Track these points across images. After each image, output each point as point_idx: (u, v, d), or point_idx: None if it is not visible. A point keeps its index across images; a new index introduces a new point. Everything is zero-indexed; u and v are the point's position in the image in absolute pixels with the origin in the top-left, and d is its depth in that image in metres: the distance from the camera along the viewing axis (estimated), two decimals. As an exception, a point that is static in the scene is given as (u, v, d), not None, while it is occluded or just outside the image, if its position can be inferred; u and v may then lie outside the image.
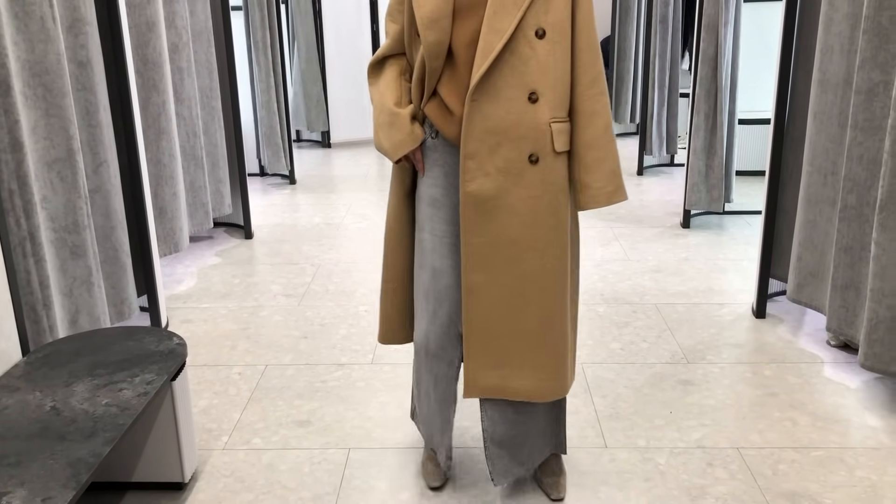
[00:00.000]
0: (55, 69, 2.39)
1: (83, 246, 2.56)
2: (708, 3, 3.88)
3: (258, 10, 4.86)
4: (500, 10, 1.76)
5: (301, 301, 3.39)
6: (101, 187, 2.73)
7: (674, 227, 4.29)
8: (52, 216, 2.47)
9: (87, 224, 2.56)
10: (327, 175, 5.59)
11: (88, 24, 2.60)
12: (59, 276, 2.50)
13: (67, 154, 2.47)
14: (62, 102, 2.43)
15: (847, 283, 2.62)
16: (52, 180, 2.45)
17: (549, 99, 1.81)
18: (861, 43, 2.44)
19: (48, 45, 2.37)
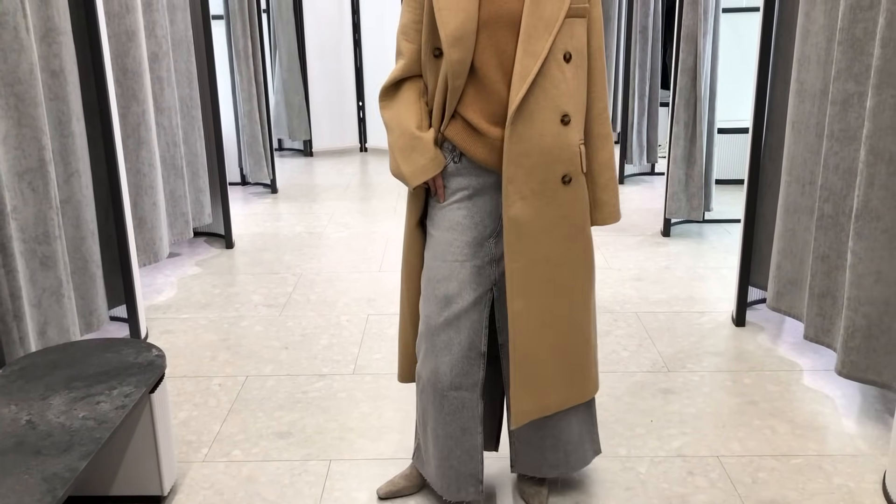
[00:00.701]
0: (27, 79, 2.38)
1: (53, 257, 2.53)
2: (687, 14, 3.92)
3: (239, 20, 4.85)
4: (533, 34, 1.75)
5: (282, 311, 3.37)
6: (73, 197, 2.70)
7: (654, 235, 4.32)
8: (22, 227, 2.44)
9: (57, 235, 2.53)
10: (309, 184, 5.58)
11: (62, 33, 2.58)
12: (28, 287, 2.48)
13: (39, 164, 2.45)
14: (34, 112, 2.41)
15: (824, 291, 2.64)
16: (23, 191, 2.43)
17: (577, 121, 1.85)
18: (836, 54, 2.47)
19: (21, 54, 2.35)
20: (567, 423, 2.04)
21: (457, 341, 1.90)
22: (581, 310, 1.95)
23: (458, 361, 1.90)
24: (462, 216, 1.88)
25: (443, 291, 1.89)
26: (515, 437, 2.06)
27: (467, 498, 2.00)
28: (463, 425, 1.95)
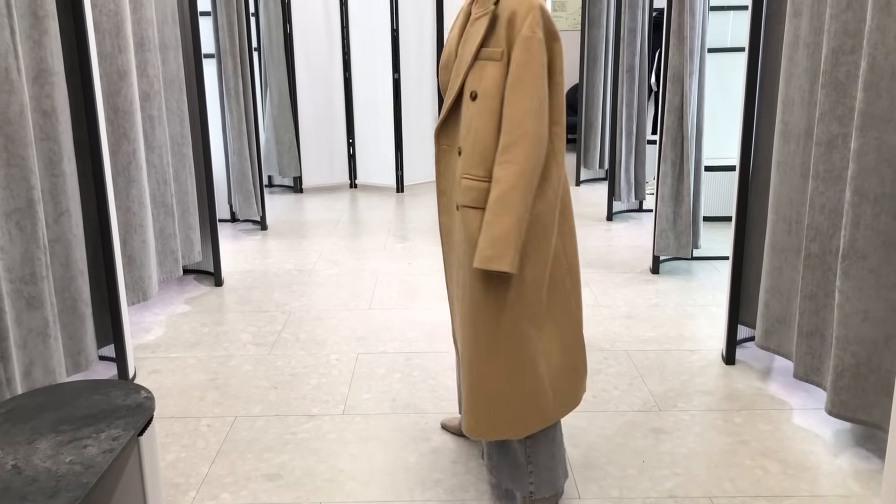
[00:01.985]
0: (18, 120, 2.38)
1: (40, 297, 2.52)
2: (673, 55, 3.98)
3: (231, 58, 4.89)
4: (455, 72, 1.98)
5: (271, 350, 3.36)
6: (62, 237, 2.70)
7: (643, 272, 4.34)
8: (8, 267, 2.43)
9: (44, 275, 2.52)
10: (299, 221, 5.59)
11: (55, 74, 2.59)
12: (14, 328, 2.46)
13: (27, 204, 2.45)
14: (24, 153, 2.41)
15: (812, 329, 2.66)
16: (11, 230, 2.42)
17: (467, 155, 1.93)
18: (820, 97, 2.52)
19: (11, 95, 2.36)
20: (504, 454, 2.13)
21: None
22: (471, 340, 1.95)
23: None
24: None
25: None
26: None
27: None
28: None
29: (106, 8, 3.16)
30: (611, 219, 5.50)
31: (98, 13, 3.13)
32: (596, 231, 5.21)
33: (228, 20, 4.85)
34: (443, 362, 3.21)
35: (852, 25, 2.41)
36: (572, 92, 8.61)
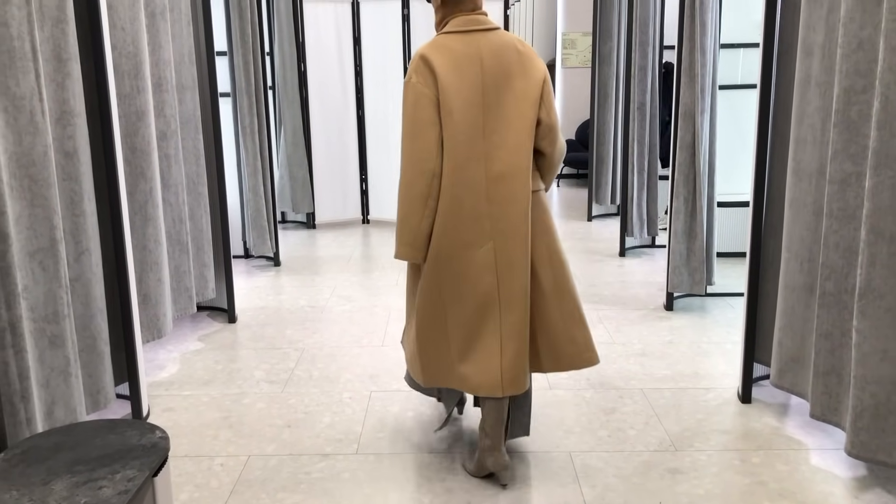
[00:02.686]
0: (41, 161, 2.42)
1: (62, 336, 2.53)
2: (684, 93, 4.01)
3: (246, 97, 4.96)
4: None
5: (284, 388, 3.35)
6: (83, 276, 2.72)
7: (657, 309, 4.32)
8: (31, 306, 2.45)
9: (66, 314, 2.54)
10: (312, 256, 5.61)
11: (77, 115, 2.64)
12: (36, 367, 2.47)
13: (50, 244, 2.48)
14: (47, 193, 2.45)
15: (829, 369, 2.63)
16: (34, 270, 2.45)
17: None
18: (832, 135, 2.53)
19: (36, 137, 2.40)
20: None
21: None
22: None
23: None
24: None
25: None
26: None
27: None
28: None
29: (125, 50, 3.22)
30: (623, 254, 5.49)
31: (118, 55, 3.19)
32: (608, 267, 5.20)
33: (244, 60, 4.92)
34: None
35: (864, 65, 2.43)
36: (583, 128, 8.67)
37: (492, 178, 2.41)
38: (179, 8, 3.73)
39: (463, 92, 2.40)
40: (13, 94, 2.33)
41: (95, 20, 2.73)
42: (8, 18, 2.29)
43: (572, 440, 2.86)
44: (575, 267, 5.21)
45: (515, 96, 2.43)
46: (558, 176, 8.96)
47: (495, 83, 2.43)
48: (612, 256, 5.47)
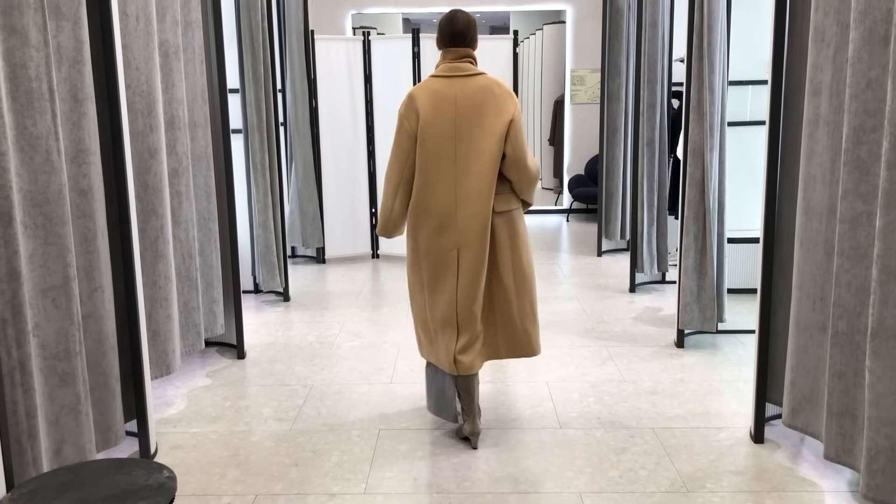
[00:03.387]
0: (56, 199, 2.44)
1: (73, 373, 2.53)
2: (693, 130, 4.02)
3: (258, 134, 5.01)
4: None
5: (293, 425, 3.34)
6: (95, 312, 2.73)
7: (668, 346, 4.29)
8: (43, 343, 2.46)
9: (78, 351, 2.55)
10: (321, 291, 5.62)
11: (92, 153, 2.67)
12: (46, 405, 2.47)
13: (63, 281, 2.49)
14: (61, 231, 2.47)
15: (842, 409, 2.60)
16: (46, 307, 2.46)
17: None
18: (842, 174, 2.53)
19: (51, 175, 2.43)
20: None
21: None
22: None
23: None
24: None
25: None
26: None
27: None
28: None
29: (139, 89, 3.26)
30: (633, 290, 5.47)
31: (132, 94, 3.24)
32: (619, 303, 5.18)
33: (256, 97, 4.98)
34: (466, 440, 3.17)
35: (873, 105, 2.43)
36: (592, 163, 8.70)
37: (460, 199, 2.93)
38: (193, 47, 3.78)
39: (437, 126, 2.93)
40: (30, 134, 2.36)
41: (110, 61, 2.77)
42: (27, 60, 2.33)
43: (583, 481, 2.82)
44: (585, 303, 5.20)
45: (484, 132, 2.91)
46: (568, 210, 8.97)
47: (468, 120, 2.91)
48: (622, 292, 5.46)
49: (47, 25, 2.37)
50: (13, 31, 2.29)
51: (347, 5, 8.68)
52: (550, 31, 9.33)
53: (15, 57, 2.31)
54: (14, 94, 2.32)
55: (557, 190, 9.55)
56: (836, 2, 2.59)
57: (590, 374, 3.87)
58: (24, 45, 2.32)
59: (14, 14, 2.29)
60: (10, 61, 2.30)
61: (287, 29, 6.15)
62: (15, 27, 2.30)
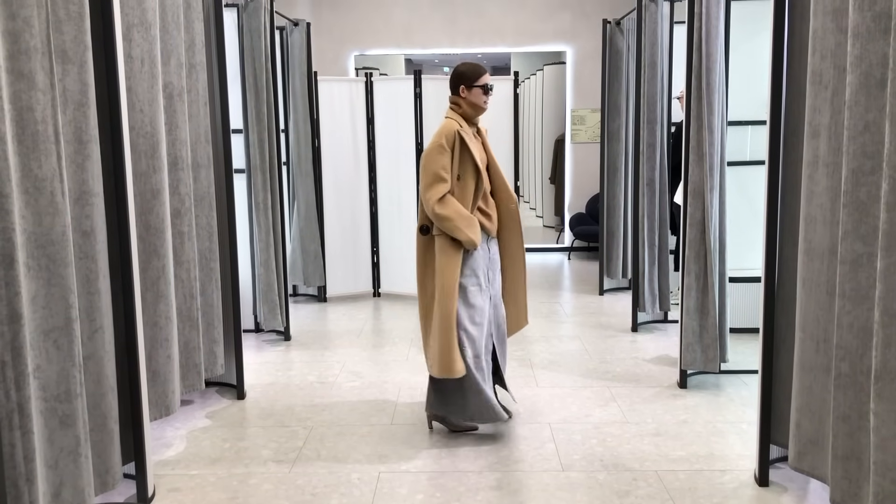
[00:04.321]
0: (60, 240, 2.45)
1: (73, 415, 2.52)
2: (693, 170, 4.04)
3: (260, 174, 5.04)
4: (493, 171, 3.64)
5: (292, 467, 3.30)
6: (95, 354, 2.72)
7: (671, 386, 4.27)
8: (43, 385, 2.44)
9: (79, 392, 2.53)
10: (322, 330, 5.60)
11: (95, 195, 2.68)
12: (45, 447, 2.45)
13: (65, 322, 2.49)
14: (64, 272, 2.47)
15: (848, 453, 2.57)
16: (48, 349, 2.45)
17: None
18: (842, 216, 2.53)
19: (55, 217, 2.44)
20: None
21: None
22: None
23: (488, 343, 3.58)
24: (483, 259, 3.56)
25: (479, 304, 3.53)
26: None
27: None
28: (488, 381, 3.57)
29: (143, 130, 3.29)
30: (636, 329, 5.45)
31: (135, 135, 3.27)
32: (621, 343, 5.16)
33: (259, 137, 5.02)
34: (466, 482, 3.13)
35: (871, 147, 2.45)
36: (593, 201, 8.73)
37: None
38: (197, 89, 3.83)
39: None
40: (35, 176, 2.38)
41: (115, 103, 2.80)
42: (33, 103, 2.36)
43: (585, 525, 2.78)
44: (587, 342, 5.17)
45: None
46: (569, 249, 8.99)
47: None
48: (624, 332, 5.44)
49: (54, 69, 2.41)
50: (20, 75, 2.32)
51: (350, 46, 8.79)
52: (551, 71, 9.43)
53: (22, 100, 2.33)
54: (20, 137, 2.34)
55: (559, 228, 9.57)
56: (832, 46, 2.62)
57: (592, 415, 3.84)
58: (31, 89, 2.35)
59: (21, 58, 2.32)
60: (16, 104, 2.32)
61: (291, 70, 6.22)
62: (22, 71, 2.32)
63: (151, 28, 3.31)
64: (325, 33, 8.72)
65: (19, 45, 2.31)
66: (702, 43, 3.95)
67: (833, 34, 2.62)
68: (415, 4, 8.73)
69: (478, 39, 8.77)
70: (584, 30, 8.71)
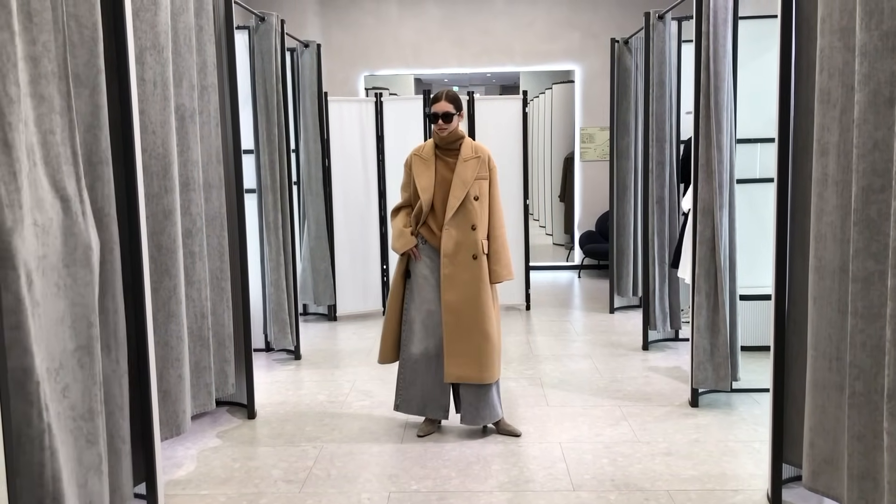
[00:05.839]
0: (82, 260, 2.47)
1: (95, 433, 2.52)
2: (702, 189, 4.04)
3: (271, 194, 5.07)
4: (458, 188, 3.73)
5: (302, 487, 3.30)
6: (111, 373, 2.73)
7: (682, 405, 4.24)
8: (72, 405, 2.46)
9: (100, 411, 2.54)
10: (332, 349, 5.60)
11: (107, 214, 2.71)
12: (75, 467, 2.46)
13: (87, 342, 2.50)
14: (85, 292, 2.49)
15: (863, 472, 2.55)
16: (74, 368, 2.47)
17: (481, 228, 3.76)
18: (853, 234, 2.53)
19: (79, 238, 2.46)
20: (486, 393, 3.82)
21: (437, 332, 3.82)
22: (483, 325, 3.72)
23: (437, 344, 3.82)
24: (428, 273, 3.83)
25: (426, 307, 3.82)
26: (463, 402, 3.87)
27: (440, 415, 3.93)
28: (439, 377, 3.85)
29: (155, 151, 3.33)
30: (647, 348, 5.43)
31: (147, 157, 3.30)
32: (632, 361, 5.14)
33: (270, 158, 5.06)
34: (476, 502, 3.12)
35: (881, 165, 2.45)
36: (603, 219, 8.73)
37: None
38: (209, 111, 3.87)
39: None
40: (61, 197, 2.41)
41: (127, 125, 2.84)
42: (54, 126, 2.39)
43: (597, 546, 2.76)
44: (598, 361, 5.16)
45: None
46: (580, 267, 8.98)
47: None
48: (635, 350, 5.42)
49: (70, 93, 2.44)
50: (42, 99, 2.36)
51: (361, 67, 8.86)
52: (559, 90, 9.47)
53: (45, 124, 2.36)
54: (46, 159, 2.37)
55: (569, 246, 9.56)
56: (840, 64, 2.63)
57: (603, 435, 3.82)
58: (52, 112, 2.38)
59: (41, 82, 2.36)
60: (41, 128, 2.36)
61: (301, 91, 6.28)
62: (43, 95, 2.36)
63: (164, 51, 3.35)
64: (335, 54, 8.80)
65: (39, 69, 2.34)
66: (710, 61, 3.97)
67: (840, 53, 2.63)
68: (424, 24, 8.80)
69: (486, 59, 8.82)
70: (592, 49, 8.76)
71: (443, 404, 3.87)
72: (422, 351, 3.80)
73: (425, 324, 3.80)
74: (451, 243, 3.71)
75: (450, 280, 3.71)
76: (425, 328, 3.80)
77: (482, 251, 3.72)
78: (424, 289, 3.79)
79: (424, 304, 3.79)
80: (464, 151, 3.78)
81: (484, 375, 3.71)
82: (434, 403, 3.87)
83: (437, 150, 3.82)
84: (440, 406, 3.87)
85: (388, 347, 3.90)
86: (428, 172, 3.78)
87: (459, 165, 3.74)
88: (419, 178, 3.77)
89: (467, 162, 3.75)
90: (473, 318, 3.69)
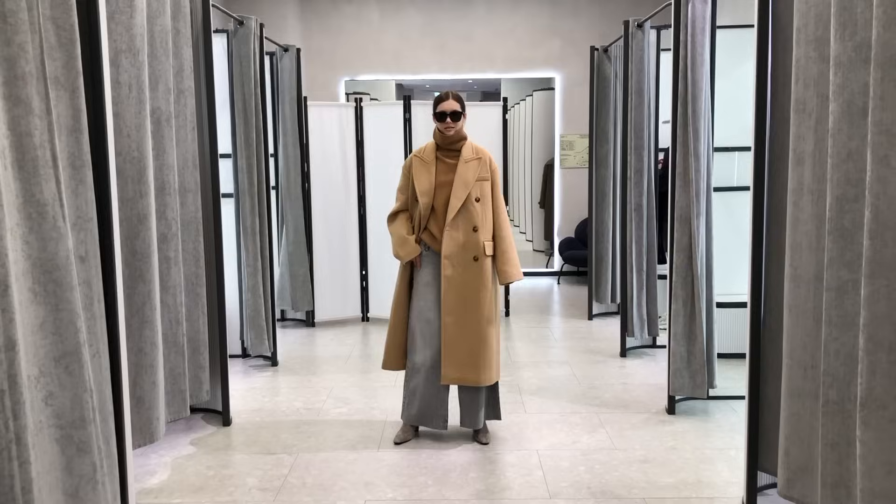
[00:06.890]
0: (65, 265, 2.43)
1: (88, 442, 2.47)
2: (679, 196, 4.06)
3: (249, 198, 5.03)
4: (459, 189, 3.71)
5: (277, 496, 3.26)
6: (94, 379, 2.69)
7: (659, 412, 4.25)
8: (58, 413, 2.41)
9: (92, 419, 2.50)
10: (310, 356, 5.57)
11: (89, 220, 2.66)
12: (64, 477, 2.41)
13: (75, 347, 2.46)
14: (70, 296, 2.45)
15: (837, 480, 2.56)
16: (60, 375, 2.42)
17: (484, 230, 3.75)
18: (827, 243, 2.54)
19: (59, 242, 2.41)
20: (486, 395, 3.90)
21: (435, 343, 3.79)
22: (483, 328, 3.71)
23: (436, 354, 3.79)
24: (431, 279, 3.80)
25: (425, 317, 3.79)
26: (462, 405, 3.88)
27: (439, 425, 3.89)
28: (438, 387, 3.85)
29: (130, 155, 3.29)
30: (625, 355, 5.45)
31: (122, 160, 3.26)
32: (610, 368, 5.15)
33: (248, 162, 5.02)
34: None
35: (854, 175, 2.47)
36: (582, 226, 8.75)
37: None
38: (185, 114, 3.83)
39: None
40: (37, 201, 2.36)
41: (101, 128, 2.80)
42: (31, 129, 2.35)
43: (573, 554, 2.76)
44: (576, 368, 5.16)
45: None
46: (559, 273, 9.00)
47: None
48: (613, 357, 5.43)
49: (49, 94, 2.40)
50: (18, 101, 2.32)
51: (341, 72, 8.84)
52: (540, 97, 9.50)
53: (20, 126, 2.32)
54: (21, 163, 2.32)
55: (548, 252, 9.59)
56: (815, 74, 2.65)
57: (580, 442, 3.82)
58: (29, 114, 2.34)
59: (18, 84, 2.32)
60: (15, 130, 2.31)
61: (280, 95, 6.24)
62: (19, 97, 2.32)
63: (139, 54, 3.31)
64: (315, 58, 8.77)
65: (15, 70, 2.31)
66: (687, 70, 3.99)
67: (816, 63, 2.65)
68: (405, 30, 8.79)
69: (467, 65, 8.83)
70: (572, 56, 8.79)
71: (442, 414, 3.84)
72: (421, 361, 3.78)
73: (423, 333, 3.77)
74: (453, 244, 3.68)
75: (450, 281, 3.68)
76: (423, 338, 3.77)
77: (484, 253, 3.70)
78: (426, 296, 3.77)
79: (423, 314, 3.76)
80: (465, 153, 3.77)
81: (482, 377, 3.70)
82: (433, 413, 3.84)
83: (437, 151, 3.81)
84: (440, 416, 3.85)
85: (393, 355, 3.86)
86: (427, 175, 3.75)
87: (461, 166, 3.73)
88: (418, 180, 3.75)
89: (468, 163, 3.74)
90: (473, 320, 3.67)
